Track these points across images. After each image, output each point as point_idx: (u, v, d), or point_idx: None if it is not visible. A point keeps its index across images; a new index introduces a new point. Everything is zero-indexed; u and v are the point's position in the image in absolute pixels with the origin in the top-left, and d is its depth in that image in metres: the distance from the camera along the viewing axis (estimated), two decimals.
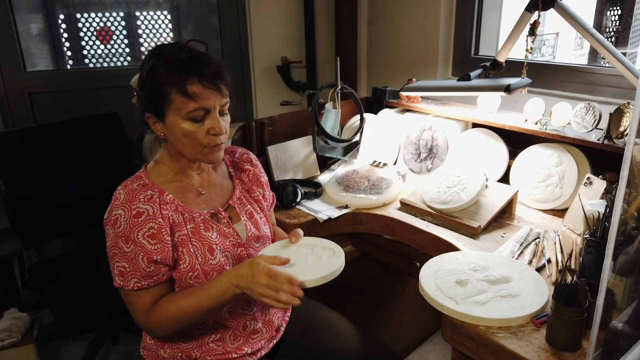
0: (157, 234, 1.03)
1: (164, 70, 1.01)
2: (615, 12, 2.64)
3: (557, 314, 0.92)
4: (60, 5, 2.44)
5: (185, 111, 1.01)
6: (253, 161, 1.29)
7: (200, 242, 1.09)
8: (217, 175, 1.21)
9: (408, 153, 1.83)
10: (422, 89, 1.76)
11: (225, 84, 1.05)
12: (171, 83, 1.00)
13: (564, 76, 1.77)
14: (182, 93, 0.99)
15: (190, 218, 1.10)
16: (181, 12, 2.65)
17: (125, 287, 1.04)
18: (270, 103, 2.55)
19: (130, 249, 1.02)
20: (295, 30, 2.53)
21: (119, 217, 1.02)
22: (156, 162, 1.14)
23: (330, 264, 1.08)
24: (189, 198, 1.12)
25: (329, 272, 1.05)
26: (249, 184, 1.25)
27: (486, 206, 1.48)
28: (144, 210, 1.03)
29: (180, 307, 1.04)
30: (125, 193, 1.05)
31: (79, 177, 2.01)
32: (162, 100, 1.02)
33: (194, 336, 1.15)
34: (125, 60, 2.60)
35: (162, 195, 1.08)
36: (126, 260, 1.03)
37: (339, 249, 1.15)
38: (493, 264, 1.18)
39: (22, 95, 2.28)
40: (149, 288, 1.05)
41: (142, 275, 1.03)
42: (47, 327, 2.12)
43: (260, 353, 1.20)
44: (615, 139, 1.40)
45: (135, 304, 1.06)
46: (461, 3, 2.09)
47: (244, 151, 1.30)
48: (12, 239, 1.77)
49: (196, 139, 1.04)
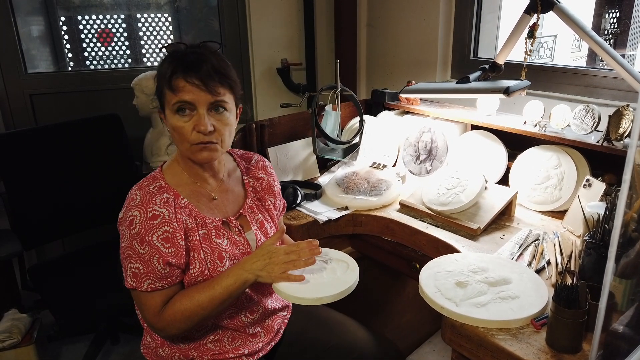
0: (171, 237, 1.04)
1: (164, 65, 1.05)
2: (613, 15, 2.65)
3: (557, 316, 0.92)
4: (61, 7, 2.44)
5: (172, 103, 1.03)
6: (268, 169, 1.28)
7: (211, 248, 1.10)
8: (231, 182, 1.21)
9: (407, 155, 1.84)
10: (422, 91, 1.77)
11: (219, 83, 1.04)
12: (163, 77, 1.04)
13: (563, 78, 1.78)
14: (167, 86, 1.03)
15: (203, 224, 1.10)
16: (182, 15, 2.65)
17: (139, 289, 1.04)
18: (270, 105, 2.56)
19: (145, 251, 1.02)
20: (295, 32, 2.54)
21: (135, 219, 1.03)
22: (172, 161, 1.16)
23: (345, 279, 1.09)
24: (202, 203, 1.13)
25: (345, 288, 1.06)
26: (261, 192, 1.24)
27: (485, 208, 1.49)
28: (159, 214, 1.04)
29: (194, 300, 1.04)
30: (141, 195, 1.05)
31: (80, 179, 2.01)
32: (160, 94, 1.07)
33: (193, 338, 1.15)
34: (126, 62, 2.60)
35: (177, 199, 1.08)
36: (140, 261, 1.03)
37: (353, 261, 1.15)
38: (493, 266, 1.18)
39: (23, 97, 2.29)
40: (162, 289, 1.05)
41: (157, 276, 1.04)
42: (47, 328, 2.12)
43: (258, 355, 1.20)
44: (614, 141, 1.40)
45: (148, 304, 1.06)
46: (460, 6, 2.10)
47: (259, 158, 1.29)
48: (12, 240, 1.77)
49: (183, 134, 1.04)
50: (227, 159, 1.24)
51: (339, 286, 1.06)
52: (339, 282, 1.08)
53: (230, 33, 2.50)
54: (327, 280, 1.09)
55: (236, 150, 1.29)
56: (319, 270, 1.11)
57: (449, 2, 2.12)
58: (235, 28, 2.49)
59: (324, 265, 1.13)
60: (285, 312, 1.30)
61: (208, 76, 1.02)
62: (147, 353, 1.21)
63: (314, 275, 1.09)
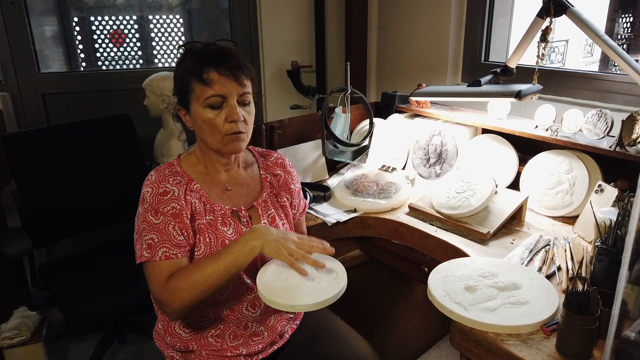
0: (178, 214, 1.07)
1: (188, 62, 1.07)
2: (627, 19, 2.62)
3: (568, 322, 0.91)
4: (74, 8, 2.47)
5: (203, 98, 1.06)
6: (287, 167, 1.29)
7: (215, 234, 1.12)
8: (247, 175, 1.23)
9: (417, 158, 1.83)
10: (432, 94, 1.76)
11: (245, 74, 1.09)
12: (192, 72, 1.06)
13: (575, 83, 1.76)
14: (200, 80, 1.05)
15: (211, 210, 1.13)
16: (193, 16, 2.67)
17: (152, 259, 1.03)
18: (280, 107, 2.57)
19: (159, 220, 1.05)
20: (306, 34, 2.54)
21: (146, 194, 1.08)
22: (189, 154, 1.19)
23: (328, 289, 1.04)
24: (214, 192, 1.16)
25: (322, 300, 1.01)
26: (278, 188, 1.26)
27: (495, 212, 1.48)
28: (170, 190, 1.08)
29: (198, 265, 1.03)
30: (156, 175, 1.11)
31: (90, 178, 2.03)
32: (186, 90, 1.08)
33: (195, 327, 1.16)
34: (137, 63, 2.62)
35: (190, 184, 1.12)
36: (155, 232, 1.05)
37: (343, 272, 1.09)
38: (502, 271, 1.17)
39: (36, 97, 2.32)
40: (174, 259, 1.04)
41: (172, 243, 1.05)
42: (56, 326, 2.13)
43: (257, 357, 1.19)
44: (627, 147, 1.39)
45: (156, 275, 1.04)
46: (471, 9, 2.09)
47: (279, 156, 1.30)
48: (23, 238, 1.79)
49: (215, 126, 1.08)
50: (247, 154, 1.27)
51: (317, 297, 1.01)
52: (320, 292, 1.03)
53: (241, 35, 2.51)
54: (309, 289, 1.03)
55: (256, 148, 1.32)
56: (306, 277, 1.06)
57: (461, 5, 2.11)
58: (246, 30, 2.50)
59: (313, 271, 1.08)
60: (292, 315, 1.29)
61: (237, 67, 1.07)
62: (157, 339, 1.25)
63: (298, 282, 1.05)
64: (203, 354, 1.17)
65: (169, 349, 1.21)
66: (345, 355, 1.23)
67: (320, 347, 1.25)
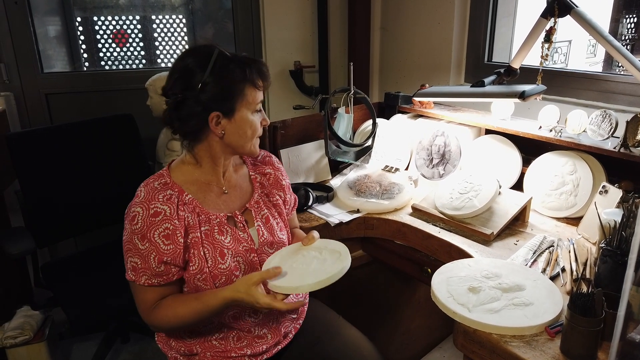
0: (171, 234, 1.06)
1: (237, 68, 1.08)
2: (631, 20, 2.61)
3: (573, 324, 0.91)
4: (77, 8, 2.48)
5: (255, 103, 1.12)
6: (275, 164, 1.29)
7: (212, 245, 1.11)
8: (238, 177, 1.23)
9: (420, 158, 1.83)
10: (436, 94, 1.76)
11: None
12: (245, 79, 1.09)
13: (579, 83, 1.75)
14: (254, 87, 1.11)
15: (206, 220, 1.11)
16: (196, 17, 2.67)
17: (137, 282, 1.08)
18: (283, 107, 2.57)
19: (144, 247, 1.05)
20: (309, 35, 2.54)
21: (137, 215, 1.05)
22: (182, 162, 1.16)
23: (330, 268, 1.08)
24: (208, 199, 1.14)
25: (326, 277, 1.04)
26: (269, 187, 1.26)
27: (499, 213, 1.47)
28: (161, 211, 1.06)
29: (178, 314, 1.08)
30: (145, 191, 1.08)
31: (93, 178, 2.03)
32: (235, 96, 1.08)
33: (199, 333, 1.17)
34: (140, 63, 2.63)
35: (181, 196, 1.10)
36: (139, 257, 1.06)
37: (346, 251, 1.14)
38: (506, 272, 1.17)
39: (39, 96, 2.32)
40: (158, 286, 1.08)
41: (152, 273, 1.07)
42: (58, 325, 2.14)
43: (262, 357, 1.19)
44: (631, 148, 1.38)
45: (141, 298, 1.10)
46: (475, 10, 2.09)
47: (266, 154, 1.31)
48: (26, 238, 1.79)
49: (256, 129, 1.15)
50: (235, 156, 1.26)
51: (320, 275, 1.05)
52: (323, 272, 1.07)
53: (244, 35, 2.51)
54: (313, 270, 1.08)
55: None
56: (311, 259, 1.12)
57: (464, 6, 2.11)
58: (249, 30, 2.50)
59: (317, 255, 1.13)
60: (295, 315, 1.29)
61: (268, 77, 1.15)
62: (160, 342, 1.24)
63: (303, 266, 1.10)
64: (207, 355, 1.17)
65: (172, 351, 1.21)
66: (349, 355, 1.23)
67: (324, 347, 1.25)
